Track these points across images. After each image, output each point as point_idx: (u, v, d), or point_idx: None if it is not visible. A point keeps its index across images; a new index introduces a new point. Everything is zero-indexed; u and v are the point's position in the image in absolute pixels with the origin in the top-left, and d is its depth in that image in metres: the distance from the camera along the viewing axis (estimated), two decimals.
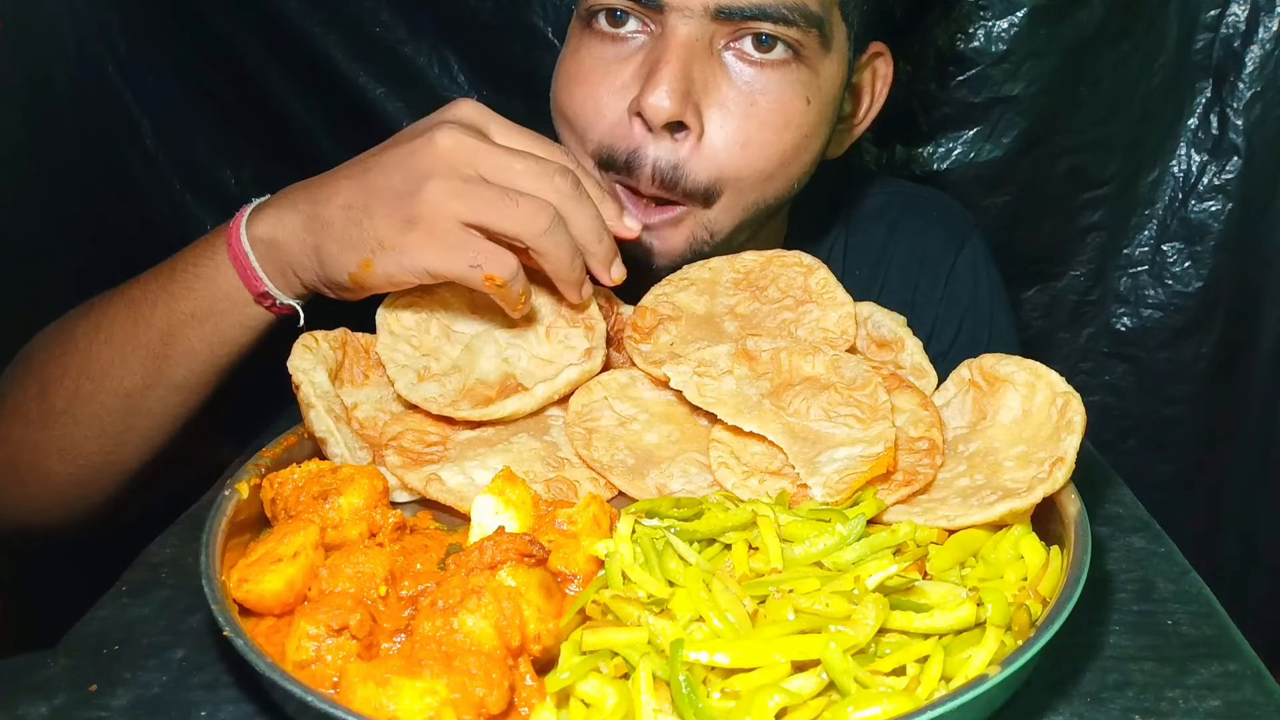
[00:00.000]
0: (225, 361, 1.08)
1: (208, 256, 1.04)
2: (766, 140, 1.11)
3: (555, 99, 1.17)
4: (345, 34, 1.86)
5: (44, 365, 1.11)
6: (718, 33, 1.07)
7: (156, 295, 1.06)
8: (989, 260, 1.47)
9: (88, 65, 1.86)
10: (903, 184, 1.55)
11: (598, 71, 1.12)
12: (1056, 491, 0.80)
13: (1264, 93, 1.79)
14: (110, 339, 1.07)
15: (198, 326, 1.05)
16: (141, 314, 1.06)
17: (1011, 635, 0.69)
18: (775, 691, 0.63)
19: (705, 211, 1.13)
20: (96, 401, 1.07)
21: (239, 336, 1.06)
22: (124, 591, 0.86)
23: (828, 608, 0.67)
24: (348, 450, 0.92)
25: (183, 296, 1.05)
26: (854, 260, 1.43)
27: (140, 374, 1.06)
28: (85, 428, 1.08)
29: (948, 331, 1.40)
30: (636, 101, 1.07)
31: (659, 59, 1.06)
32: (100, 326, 1.08)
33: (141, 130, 1.95)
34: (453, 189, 0.93)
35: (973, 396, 0.96)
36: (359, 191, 0.97)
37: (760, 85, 1.09)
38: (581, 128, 1.13)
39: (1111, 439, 2.01)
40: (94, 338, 1.08)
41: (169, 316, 1.05)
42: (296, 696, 0.62)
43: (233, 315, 1.05)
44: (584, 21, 1.13)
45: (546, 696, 0.67)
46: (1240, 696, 0.72)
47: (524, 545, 0.72)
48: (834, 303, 1.06)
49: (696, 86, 1.07)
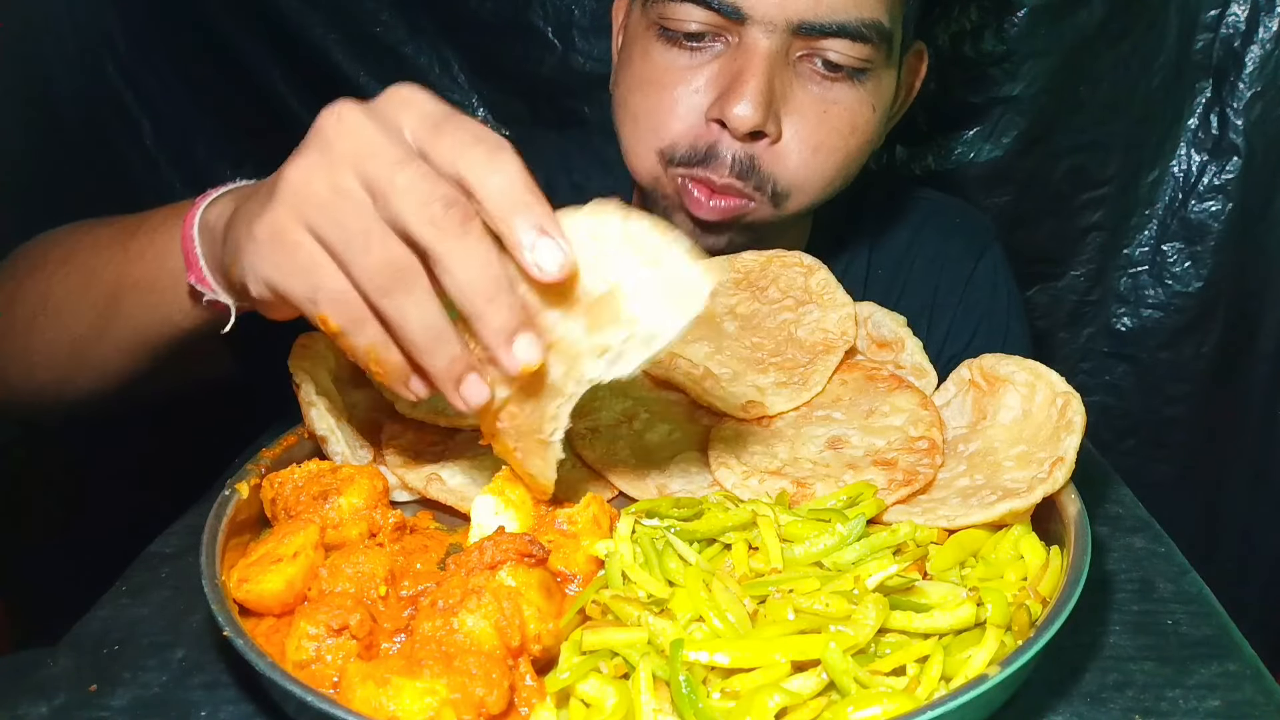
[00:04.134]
0: (162, 340, 0.99)
1: (166, 228, 0.95)
2: (834, 146, 1.17)
3: (623, 98, 1.21)
4: (345, 34, 1.86)
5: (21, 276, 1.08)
6: (795, 45, 1.12)
7: (114, 251, 1.00)
8: (1007, 269, 1.50)
9: (88, 65, 1.86)
10: (926, 191, 1.57)
11: (672, 75, 1.15)
12: (1056, 491, 0.80)
13: (1264, 93, 1.79)
14: (68, 278, 1.03)
15: (142, 295, 0.97)
16: (99, 264, 1.00)
17: (1011, 635, 0.68)
18: (775, 691, 0.63)
19: (773, 210, 1.18)
20: (48, 337, 1.04)
21: (178, 320, 0.97)
22: (124, 591, 0.86)
23: (828, 608, 0.67)
24: (348, 449, 0.92)
25: (135, 260, 0.97)
26: (877, 263, 1.46)
27: (87, 324, 1.01)
28: (38, 355, 1.06)
29: (963, 337, 1.42)
30: (719, 108, 1.12)
31: (742, 70, 1.10)
32: (67, 262, 1.04)
33: (141, 130, 1.95)
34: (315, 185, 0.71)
35: (973, 396, 0.96)
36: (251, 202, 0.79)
37: (833, 95, 1.15)
38: (653, 126, 1.17)
39: (1111, 439, 2.01)
40: (57, 272, 1.04)
41: (119, 277, 0.98)
42: (296, 696, 0.62)
43: (173, 295, 0.95)
44: (654, 26, 1.16)
45: (546, 696, 0.67)
46: (1240, 696, 0.72)
47: (524, 545, 0.72)
48: (834, 303, 1.06)
49: (777, 97, 1.12)
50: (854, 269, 1.42)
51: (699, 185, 1.17)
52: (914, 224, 1.48)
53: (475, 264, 0.69)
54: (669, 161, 1.17)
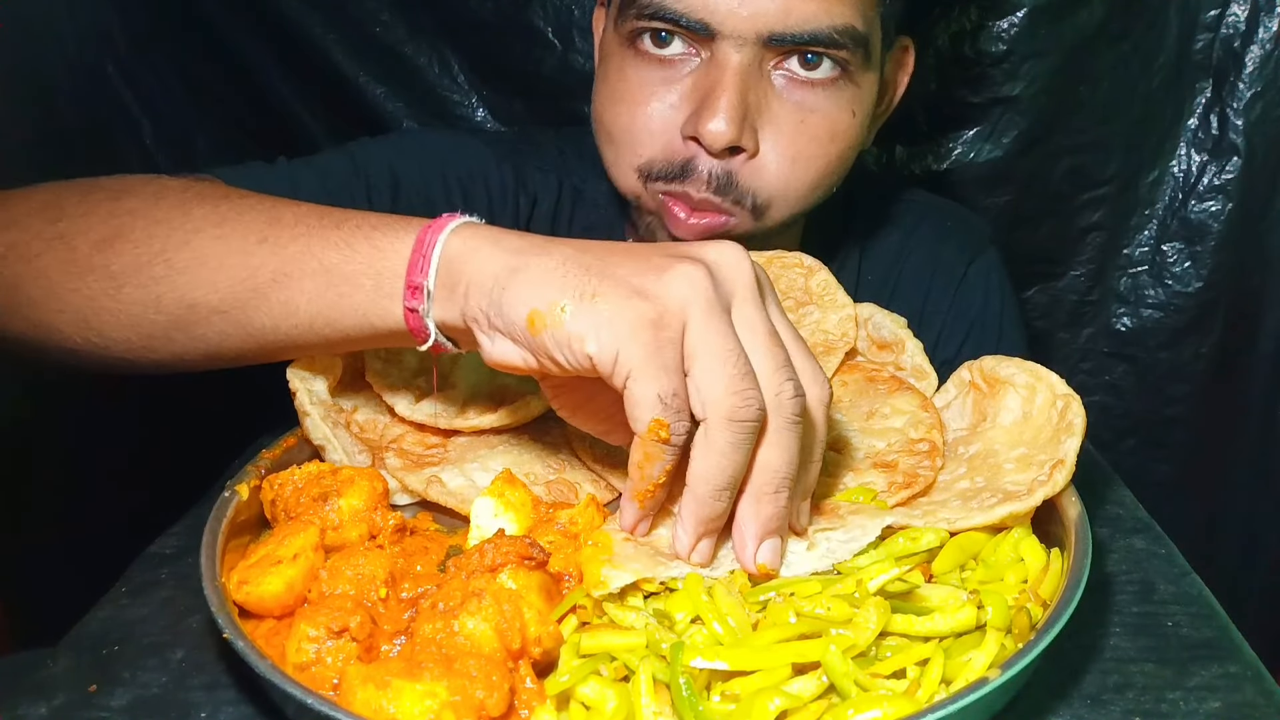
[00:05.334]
0: (309, 339, 0.88)
1: (387, 227, 0.85)
2: (814, 155, 1.15)
3: (599, 115, 1.20)
4: (345, 34, 1.85)
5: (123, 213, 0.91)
6: (767, 56, 1.10)
7: (302, 228, 0.87)
8: (1002, 274, 1.48)
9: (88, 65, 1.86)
10: (920, 193, 1.55)
11: (645, 91, 1.14)
12: (1057, 494, 0.80)
13: (1264, 93, 1.78)
14: (223, 238, 0.87)
15: (319, 283, 0.85)
16: (274, 235, 0.87)
17: (1012, 638, 0.69)
18: (775, 694, 0.63)
19: (754, 223, 1.17)
20: (152, 293, 0.88)
21: (346, 323, 0.86)
22: (124, 591, 0.86)
23: (829, 611, 0.67)
24: (346, 455, 0.92)
25: (333, 246, 0.85)
26: (868, 265, 1.44)
27: (221, 294, 0.87)
28: (125, 308, 0.89)
29: (954, 342, 1.41)
30: (692, 125, 1.10)
31: (714, 85, 1.08)
32: (224, 219, 0.88)
33: (141, 130, 1.94)
34: (704, 306, 0.71)
35: (973, 398, 0.96)
36: (588, 254, 0.76)
37: (810, 104, 1.13)
38: (629, 144, 1.16)
39: (1111, 439, 2.01)
40: (204, 225, 0.88)
41: (302, 256, 0.85)
42: (296, 699, 0.62)
43: (361, 296, 0.84)
44: (626, 41, 1.15)
45: (547, 699, 0.67)
46: (1241, 698, 0.72)
47: (524, 548, 0.73)
48: (834, 304, 1.06)
49: (752, 111, 1.10)
50: (845, 273, 1.40)
51: (678, 202, 1.15)
52: (906, 227, 1.47)
53: (789, 458, 0.73)
54: (647, 177, 1.16)
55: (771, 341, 0.73)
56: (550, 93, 1.87)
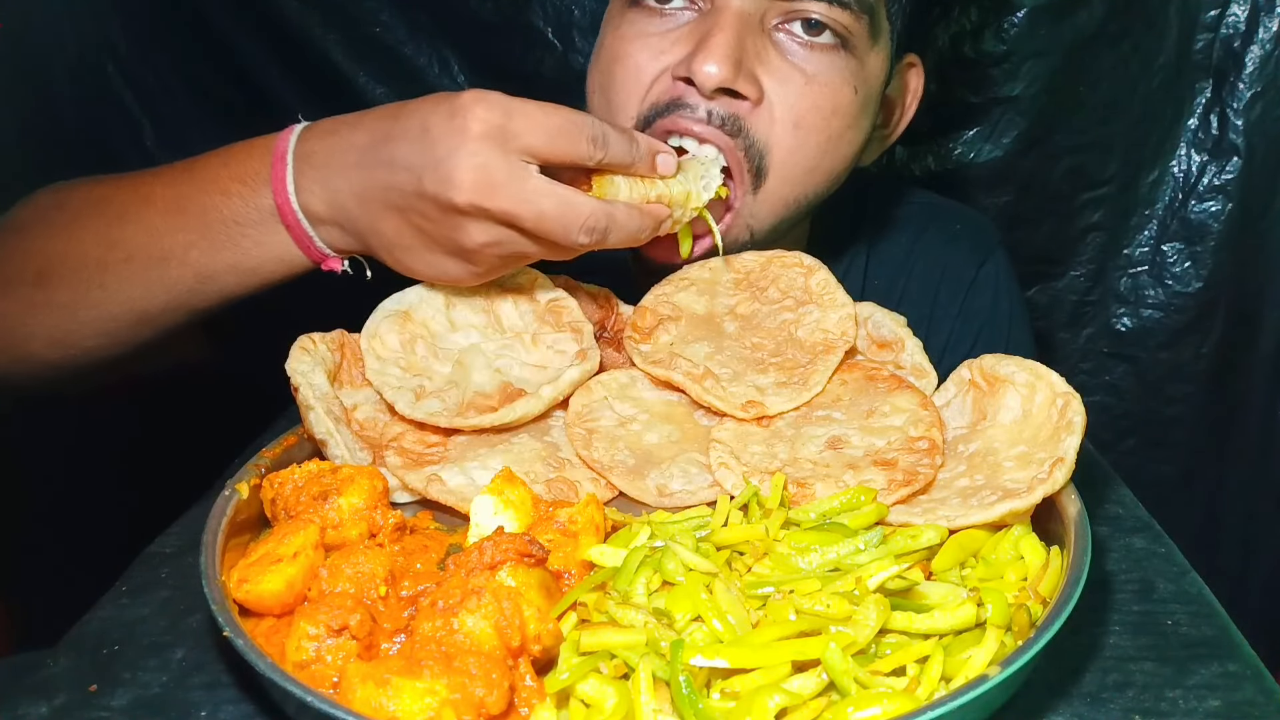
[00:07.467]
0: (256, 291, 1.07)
1: (254, 219, 1.02)
2: (815, 124, 1.12)
3: (595, 77, 1.19)
4: (345, 34, 1.86)
5: (45, 253, 1.08)
6: (770, 11, 1.09)
7: (190, 239, 1.03)
8: (1010, 277, 1.47)
9: (88, 65, 1.86)
10: (928, 195, 1.54)
11: (640, 42, 1.12)
12: (1056, 492, 0.80)
13: (1264, 93, 1.79)
14: (132, 261, 1.05)
15: (239, 275, 1.04)
16: (171, 251, 1.03)
17: (1011, 636, 0.69)
18: (775, 692, 0.63)
19: (751, 200, 1.13)
20: (105, 310, 1.06)
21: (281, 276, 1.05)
22: (124, 591, 0.86)
23: (829, 609, 0.67)
24: (347, 451, 0.92)
25: (225, 248, 1.03)
26: (875, 269, 1.43)
27: (163, 300, 1.05)
28: (86, 326, 1.07)
29: (963, 345, 1.40)
30: (685, 65, 1.07)
31: (710, 28, 1.06)
32: (118, 245, 1.05)
33: (141, 130, 1.95)
34: (485, 238, 0.94)
35: (973, 397, 0.96)
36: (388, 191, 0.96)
37: (813, 66, 1.11)
38: (621, 101, 1.13)
39: (1111, 439, 2.01)
40: (110, 253, 1.05)
41: (208, 262, 1.03)
42: (296, 697, 0.62)
43: (281, 270, 1.04)
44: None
45: (546, 697, 0.67)
46: (1240, 696, 0.72)
47: (524, 545, 0.72)
48: (834, 303, 1.06)
49: (749, 56, 1.08)
50: (851, 275, 1.39)
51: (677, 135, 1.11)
52: (914, 229, 1.46)
53: (627, 232, 0.98)
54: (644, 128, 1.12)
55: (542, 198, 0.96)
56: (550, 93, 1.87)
